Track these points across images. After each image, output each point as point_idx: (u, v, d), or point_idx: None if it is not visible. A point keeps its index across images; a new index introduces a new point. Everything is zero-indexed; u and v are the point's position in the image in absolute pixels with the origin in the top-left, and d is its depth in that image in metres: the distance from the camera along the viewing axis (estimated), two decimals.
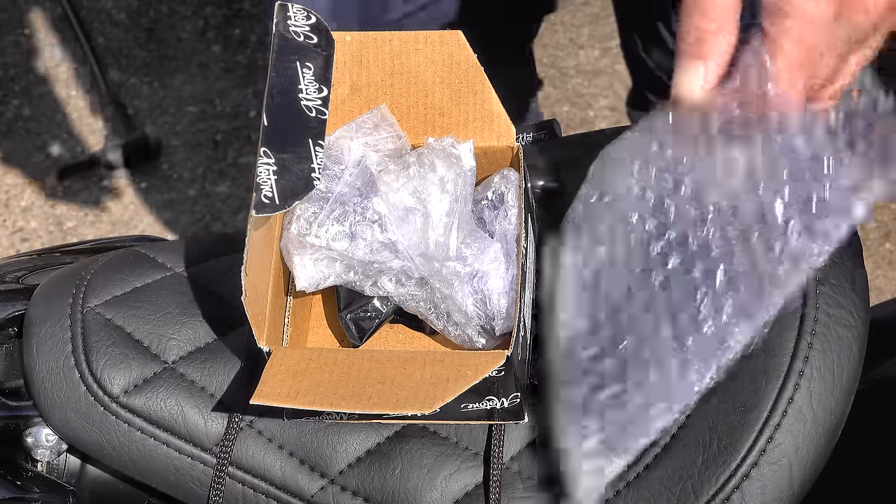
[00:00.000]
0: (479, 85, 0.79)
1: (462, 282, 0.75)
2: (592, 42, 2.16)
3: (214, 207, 2.00)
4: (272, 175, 0.73)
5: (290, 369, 0.70)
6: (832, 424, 0.73)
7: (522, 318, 0.73)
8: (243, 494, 0.76)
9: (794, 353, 0.73)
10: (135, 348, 0.79)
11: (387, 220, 0.75)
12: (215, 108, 2.11)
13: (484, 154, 0.80)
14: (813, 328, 0.74)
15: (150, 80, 2.15)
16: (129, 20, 2.23)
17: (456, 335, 0.77)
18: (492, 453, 0.74)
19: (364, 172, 0.77)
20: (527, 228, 0.76)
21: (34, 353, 0.80)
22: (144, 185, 2.03)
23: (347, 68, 0.80)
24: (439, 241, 0.75)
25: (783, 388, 0.72)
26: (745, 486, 0.71)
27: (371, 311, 0.78)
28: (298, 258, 0.76)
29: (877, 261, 1.89)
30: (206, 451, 0.77)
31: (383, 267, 0.76)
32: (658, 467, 0.72)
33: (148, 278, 0.83)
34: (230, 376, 0.78)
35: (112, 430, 0.78)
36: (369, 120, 0.80)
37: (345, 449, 0.76)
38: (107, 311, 0.81)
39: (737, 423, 0.72)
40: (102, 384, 0.78)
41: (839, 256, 0.76)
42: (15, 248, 1.97)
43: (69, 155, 2.06)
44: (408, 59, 0.80)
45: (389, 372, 0.70)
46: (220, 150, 2.06)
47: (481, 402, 0.72)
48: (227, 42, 2.19)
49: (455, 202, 0.75)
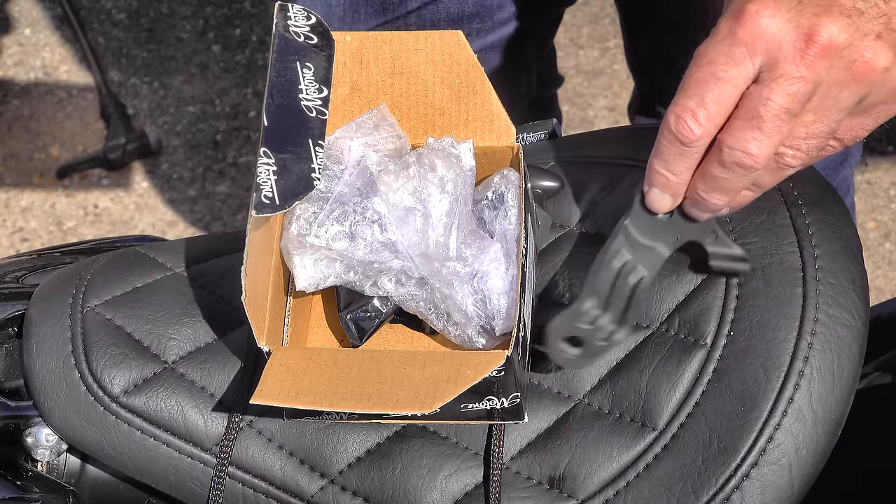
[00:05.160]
0: (479, 85, 0.79)
1: (462, 282, 0.75)
2: (592, 42, 2.16)
3: (214, 207, 2.00)
4: (272, 175, 0.73)
5: (290, 369, 0.70)
6: (832, 424, 0.73)
7: (522, 318, 0.73)
8: (243, 494, 0.76)
9: (794, 353, 0.73)
10: (135, 348, 0.79)
11: (387, 220, 0.75)
12: (215, 108, 2.11)
13: (484, 154, 0.80)
14: (813, 328, 0.74)
15: (150, 80, 2.15)
16: (129, 20, 2.23)
17: (456, 335, 0.77)
18: (492, 453, 0.74)
19: (364, 172, 0.77)
20: (527, 228, 0.76)
21: (34, 353, 0.80)
22: (144, 185, 2.03)
23: (347, 68, 0.80)
24: (439, 241, 0.75)
25: (783, 388, 0.72)
26: (745, 486, 0.71)
27: (371, 311, 0.78)
28: (298, 258, 0.76)
29: (877, 261, 1.89)
30: (206, 451, 0.77)
31: (383, 267, 0.76)
32: (658, 467, 0.72)
33: (148, 278, 0.83)
34: (230, 376, 0.78)
35: (112, 429, 0.78)
36: (369, 120, 0.80)
37: (345, 449, 0.76)
38: (107, 311, 0.81)
39: (737, 423, 0.72)
40: (102, 384, 0.78)
41: (839, 256, 0.76)
42: (15, 248, 1.97)
43: (69, 155, 2.06)
44: (408, 59, 0.80)
45: (389, 372, 0.70)
46: (219, 150, 2.06)
47: (481, 402, 0.72)
48: (227, 42, 2.19)
49: (455, 202, 0.75)
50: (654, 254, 0.74)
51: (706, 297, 0.76)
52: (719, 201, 0.71)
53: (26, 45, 2.21)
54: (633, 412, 0.74)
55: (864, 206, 1.94)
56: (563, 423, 0.75)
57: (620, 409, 0.74)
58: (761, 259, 0.76)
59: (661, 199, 0.72)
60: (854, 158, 1.32)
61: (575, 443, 0.74)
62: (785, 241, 0.76)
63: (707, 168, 0.69)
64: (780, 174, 0.70)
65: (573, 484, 0.73)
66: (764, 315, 0.74)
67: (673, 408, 0.73)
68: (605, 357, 0.76)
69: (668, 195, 0.71)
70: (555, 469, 0.73)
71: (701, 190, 0.70)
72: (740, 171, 0.68)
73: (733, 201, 0.72)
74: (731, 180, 0.69)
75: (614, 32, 2.16)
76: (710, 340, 0.74)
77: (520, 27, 1.15)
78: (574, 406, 0.75)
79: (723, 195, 0.70)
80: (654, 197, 0.72)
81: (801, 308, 0.74)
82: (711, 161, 0.68)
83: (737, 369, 0.73)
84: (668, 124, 0.68)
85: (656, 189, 0.71)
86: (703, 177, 0.70)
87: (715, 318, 0.75)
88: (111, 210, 2.01)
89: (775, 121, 0.65)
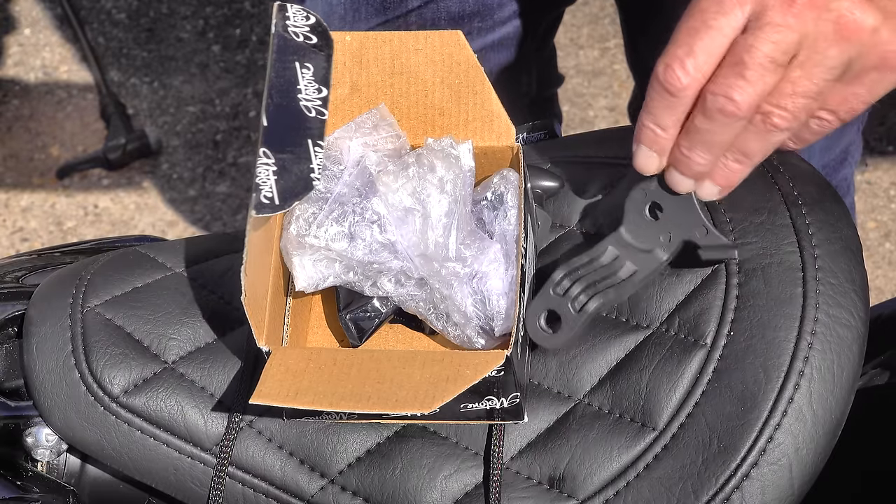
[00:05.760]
0: (479, 85, 0.79)
1: (461, 282, 0.75)
2: (592, 42, 2.16)
3: (214, 207, 2.00)
4: (272, 175, 0.73)
5: (289, 369, 0.70)
6: (832, 424, 0.73)
7: (522, 319, 0.73)
8: (243, 494, 0.76)
9: (794, 353, 0.73)
10: (135, 348, 0.79)
11: (386, 220, 0.75)
12: (215, 108, 2.11)
13: (484, 154, 0.80)
14: (813, 328, 0.74)
15: (150, 80, 2.15)
16: (129, 20, 2.23)
17: (455, 335, 0.77)
18: (492, 453, 0.74)
19: (363, 173, 0.77)
20: (526, 229, 0.76)
21: (34, 353, 0.80)
22: (144, 185, 2.03)
23: (347, 68, 0.80)
24: (439, 241, 0.75)
25: (783, 388, 0.72)
26: (745, 486, 0.71)
27: (371, 311, 0.78)
28: (298, 259, 0.76)
29: (877, 261, 1.89)
30: (206, 451, 0.77)
31: (383, 267, 0.76)
32: (658, 467, 0.72)
33: (148, 278, 0.83)
34: (230, 376, 0.78)
35: (112, 429, 0.78)
36: (368, 120, 0.79)
37: (345, 449, 0.76)
38: (107, 311, 0.81)
39: (737, 423, 0.72)
40: (102, 384, 0.78)
41: (839, 256, 0.76)
42: (15, 248, 1.97)
43: (69, 155, 2.06)
44: (408, 59, 0.80)
45: (389, 372, 0.70)
46: (219, 150, 2.06)
47: (481, 402, 0.72)
48: (227, 42, 2.19)
49: (454, 203, 0.75)
50: (649, 256, 0.75)
51: (706, 297, 0.76)
52: (702, 159, 0.70)
53: (26, 45, 2.21)
54: (633, 412, 0.74)
55: (864, 206, 1.94)
56: (563, 423, 0.75)
57: (620, 409, 0.74)
58: (761, 259, 0.76)
59: (647, 158, 0.71)
60: (854, 158, 1.31)
61: (575, 443, 0.74)
62: (785, 241, 0.76)
63: (691, 121, 0.69)
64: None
65: (573, 484, 0.73)
66: (764, 315, 0.74)
67: (673, 408, 0.73)
68: (605, 357, 0.76)
69: (655, 153, 0.71)
70: (555, 469, 0.73)
71: (684, 147, 0.70)
72: (722, 119, 0.67)
73: (721, 173, 0.71)
74: (713, 132, 0.68)
75: (614, 32, 2.16)
76: (710, 340, 0.74)
77: (520, 26, 1.15)
78: (574, 406, 0.75)
79: (705, 151, 0.70)
80: (641, 157, 0.72)
81: (801, 308, 0.74)
82: (696, 113, 0.68)
83: (737, 369, 0.73)
84: (657, 75, 0.68)
85: (644, 147, 0.71)
86: (687, 132, 0.69)
87: (715, 318, 0.75)
88: (111, 210, 2.01)
89: (759, 69, 0.66)
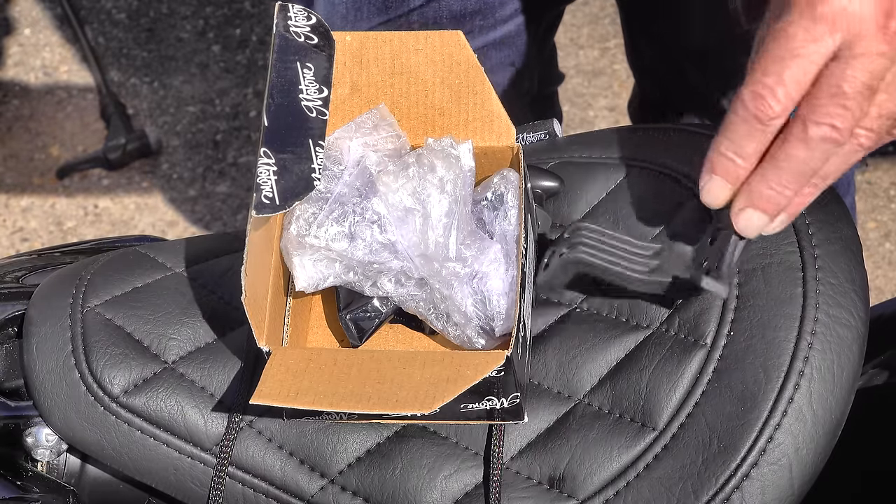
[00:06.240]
0: (479, 85, 0.79)
1: (462, 282, 0.75)
2: (592, 42, 2.16)
3: (214, 207, 2.00)
4: (272, 175, 0.73)
5: (289, 369, 0.70)
6: (832, 424, 0.73)
7: (522, 319, 0.73)
8: (243, 494, 0.76)
9: (794, 353, 0.73)
10: (135, 348, 0.79)
11: (386, 220, 0.75)
12: (215, 108, 2.11)
13: (484, 154, 0.80)
14: (813, 328, 0.74)
15: (150, 80, 2.15)
16: (129, 20, 2.23)
17: (455, 335, 0.77)
18: (492, 453, 0.74)
19: (363, 173, 0.77)
20: (526, 229, 0.76)
21: (34, 353, 0.80)
22: (144, 185, 2.03)
23: (347, 68, 0.80)
24: (439, 241, 0.75)
25: (783, 388, 0.72)
26: (745, 486, 0.71)
27: (371, 311, 0.78)
28: (298, 259, 0.76)
29: (877, 261, 1.89)
30: (206, 451, 0.77)
31: (383, 267, 0.76)
32: (658, 467, 0.72)
33: (148, 278, 0.83)
34: (230, 376, 0.78)
35: (112, 429, 0.78)
36: (369, 120, 0.80)
37: (345, 449, 0.76)
38: (107, 311, 0.81)
39: (737, 423, 0.72)
40: (102, 384, 0.78)
41: (839, 256, 0.76)
42: (15, 248, 1.97)
43: (69, 155, 2.06)
44: (408, 59, 0.80)
45: (389, 372, 0.70)
46: (219, 150, 2.06)
47: (481, 403, 0.72)
48: (227, 42, 2.19)
49: (454, 203, 0.75)
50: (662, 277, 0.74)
51: (706, 296, 0.76)
52: (789, 191, 0.69)
53: (26, 45, 2.21)
54: (633, 412, 0.74)
55: (864, 206, 1.94)
56: (563, 423, 0.75)
57: (620, 409, 0.74)
58: (761, 259, 0.76)
59: (720, 189, 0.70)
60: None
61: (575, 443, 0.74)
62: (785, 241, 0.76)
63: (783, 150, 0.68)
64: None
65: (573, 484, 0.73)
66: (764, 315, 0.74)
67: (673, 408, 0.73)
68: (605, 357, 0.76)
69: (729, 185, 0.70)
70: (555, 469, 0.73)
71: (772, 180, 0.69)
72: (824, 147, 0.67)
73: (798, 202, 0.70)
74: (810, 160, 0.67)
75: (614, 32, 2.16)
76: (710, 340, 0.74)
77: (521, 24, 1.15)
78: (574, 406, 0.75)
79: (793, 181, 0.68)
80: (713, 188, 0.70)
81: (801, 308, 0.74)
82: (790, 141, 0.67)
83: (737, 369, 0.73)
84: (744, 102, 0.67)
85: (717, 178, 0.70)
86: (775, 161, 0.68)
87: (715, 318, 0.75)
88: (111, 210, 2.01)
89: (858, 97, 0.65)
